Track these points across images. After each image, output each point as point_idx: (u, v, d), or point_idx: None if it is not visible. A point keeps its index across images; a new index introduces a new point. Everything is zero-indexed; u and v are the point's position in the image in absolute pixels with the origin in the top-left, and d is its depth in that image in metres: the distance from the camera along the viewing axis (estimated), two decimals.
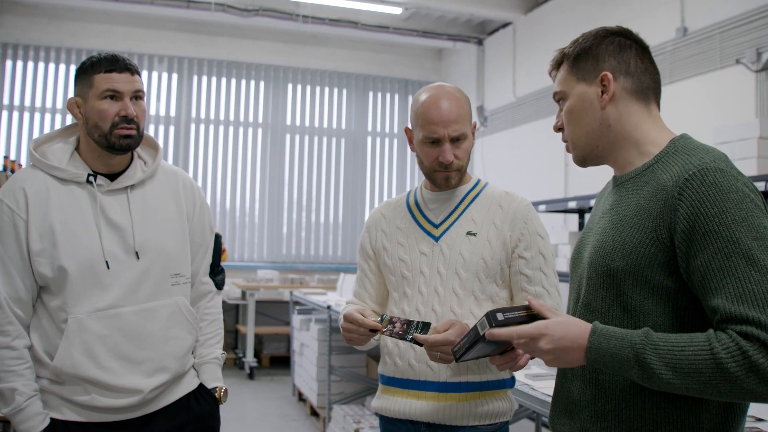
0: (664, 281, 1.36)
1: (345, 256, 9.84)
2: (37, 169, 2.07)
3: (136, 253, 2.06)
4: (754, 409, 2.23)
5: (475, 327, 1.49)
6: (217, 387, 2.31)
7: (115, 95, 2.02)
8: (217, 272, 2.25)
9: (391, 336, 1.93)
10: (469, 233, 2.09)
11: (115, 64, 2.03)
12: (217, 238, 2.27)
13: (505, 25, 8.72)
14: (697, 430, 1.36)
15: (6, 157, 4.47)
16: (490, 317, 1.44)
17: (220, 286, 2.27)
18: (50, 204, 2.01)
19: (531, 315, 1.44)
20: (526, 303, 1.47)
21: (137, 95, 2.07)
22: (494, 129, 8.78)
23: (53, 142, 2.14)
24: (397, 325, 1.93)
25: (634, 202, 1.44)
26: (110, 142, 2.03)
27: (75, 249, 1.99)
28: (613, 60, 1.51)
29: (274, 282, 8.46)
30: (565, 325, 1.37)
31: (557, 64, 1.61)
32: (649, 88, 1.52)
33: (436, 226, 2.13)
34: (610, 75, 1.49)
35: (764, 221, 1.31)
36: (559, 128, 1.61)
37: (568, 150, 1.60)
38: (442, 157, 2.03)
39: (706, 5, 5.54)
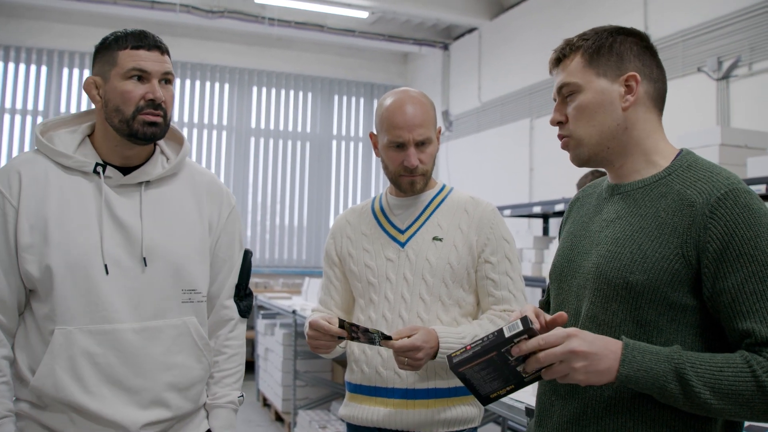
0: (683, 299, 1.32)
1: (310, 260, 9.80)
2: (40, 154, 1.76)
3: (144, 259, 1.74)
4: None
5: (500, 329, 1.32)
6: None
7: (142, 75, 1.73)
8: (243, 296, 2.00)
9: (359, 342, 1.89)
10: (435, 238, 2.09)
11: (143, 40, 1.74)
12: (247, 255, 2.03)
13: (471, 30, 8.76)
14: None
15: None
16: (527, 320, 1.30)
17: (245, 313, 2.00)
18: (48, 193, 1.70)
19: None
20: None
21: (167, 78, 1.78)
22: (459, 134, 8.81)
23: (63, 127, 1.83)
24: (360, 334, 1.86)
25: (651, 213, 1.38)
26: (132, 129, 1.72)
27: (68, 247, 1.67)
28: (638, 62, 1.45)
29: None
30: (593, 336, 1.30)
31: (564, 55, 1.50)
32: (662, 98, 1.49)
33: (402, 232, 2.13)
34: (638, 76, 1.43)
35: None
36: (558, 122, 1.51)
37: (565, 147, 1.51)
38: (407, 162, 2.03)
39: (669, 14, 5.63)
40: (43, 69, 8.68)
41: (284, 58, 9.68)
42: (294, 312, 5.52)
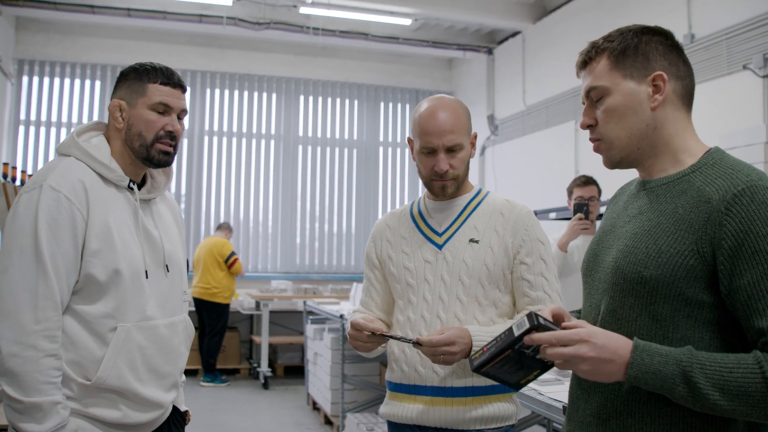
0: (699, 295, 1.32)
1: (358, 265, 9.86)
2: (81, 162, 1.92)
3: (166, 266, 2.02)
4: None
5: (509, 329, 1.37)
6: (187, 411, 2.23)
7: (165, 110, 1.97)
8: None
9: (393, 338, 1.99)
10: (471, 240, 2.13)
11: (171, 78, 1.99)
12: None
13: (515, 34, 8.76)
14: None
15: (6, 164, 4.35)
16: (533, 316, 1.34)
17: None
18: (105, 203, 1.90)
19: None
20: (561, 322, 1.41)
21: (181, 114, 2.03)
22: (505, 137, 8.81)
23: (90, 135, 2.02)
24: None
25: (670, 209, 1.38)
26: (150, 155, 1.97)
27: (127, 253, 1.89)
28: (664, 61, 1.44)
29: (287, 292, 8.49)
30: (606, 335, 1.32)
31: (590, 58, 1.50)
32: (691, 95, 1.48)
33: (440, 235, 2.17)
34: (665, 75, 1.43)
35: None
36: (588, 125, 1.51)
37: (598, 149, 1.51)
38: (437, 167, 2.08)
39: (713, 12, 5.57)
40: (97, 84, 8.97)
41: (330, 67, 9.79)
42: (342, 317, 5.57)
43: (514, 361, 1.39)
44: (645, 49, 1.45)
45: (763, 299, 1.25)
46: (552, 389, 2.60)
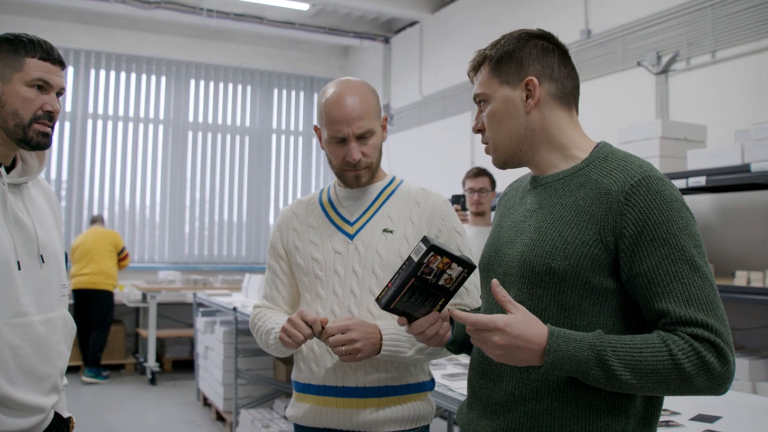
0: (603, 282, 1.39)
1: (249, 255, 9.66)
2: None
3: (41, 257, 1.83)
4: (668, 402, 2.30)
5: (408, 257, 1.45)
6: (70, 417, 2.04)
7: (43, 86, 1.82)
8: None
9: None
10: (385, 230, 2.02)
11: (51, 53, 1.83)
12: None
13: (412, 23, 8.73)
14: (625, 423, 1.41)
15: None
16: (427, 239, 1.42)
17: None
18: None
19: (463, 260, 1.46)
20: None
21: (60, 92, 1.88)
22: (401, 127, 8.77)
23: None
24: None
25: (571, 202, 1.44)
26: (27, 136, 1.80)
27: None
28: (537, 64, 1.51)
29: (176, 283, 8.25)
30: (524, 324, 1.35)
31: (477, 66, 1.57)
32: (571, 94, 1.54)
33: (351, 224, 2.06)
34: (536, 80, 1.49)
35: (697, 228, 1.39)
36: (479, 130, 1.58)
37: (488, 152, 1.59)
38: (348, 156, 1.97)
39: (609, 9, 5.67)
40: None
41: (223, 51, 9.51)
42: (235, 309, 5.39)
43: (419, 291, 1.47)
44: (520, 54, 1.51)
45: (662, 283, 1.33)
46: (461, 384, 2.52)
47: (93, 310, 7.61)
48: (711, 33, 4.73)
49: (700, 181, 3.79)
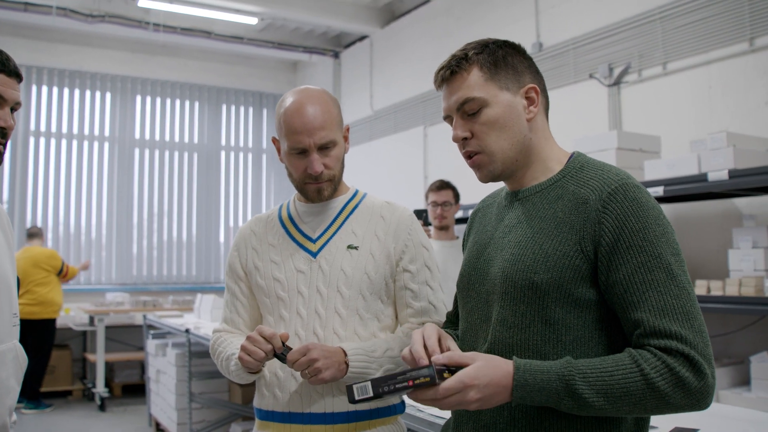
0: (586, 293, 1.36)
1: (200, 275, 9.45)
2: None
3: None
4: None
5: (403, 375, 1.30)
6: None
7: None
8: None
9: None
10: (350, 247, 1.94)
11: (6, 64, 1.68)
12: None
13: (362, 38, 8.68)
14: None
15: None
16: (432, 372, 1.27)
17: None
18: None
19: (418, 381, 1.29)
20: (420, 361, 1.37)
21: (14, 107, 1.73)
22: (352, 142, 8.67)
23: None
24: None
25: (550, 215, 1.42)
26: None
27: None
28: (529, 74, 1.50)
29: (124, 305, 8.03)
30: (487, 368, 1.29)
31: (456, 69, 1.48)
32: (548, 106, 1.54)
33: (313, 241, 1.96)
34: (538, 87, 1.49)
35: (676, 237, 1.36)
36: (463, 138, 1.49)
37: (477, 163, 1.49)
38: (310, 168, 1.87)
39: (560, 22, 5.71)
40: None
41: (170, 66, 9.32)
42: (188, 331, 5.22)
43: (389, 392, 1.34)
44: (512, 61, 1.49)
45: (638, 291, 1.30)
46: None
47: (30, 340, 6.98)
48: (661, 45, 4.77)
49: (658, 191, 3.78)
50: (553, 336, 1.36)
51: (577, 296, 1.35)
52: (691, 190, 3.69)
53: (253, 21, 8.25)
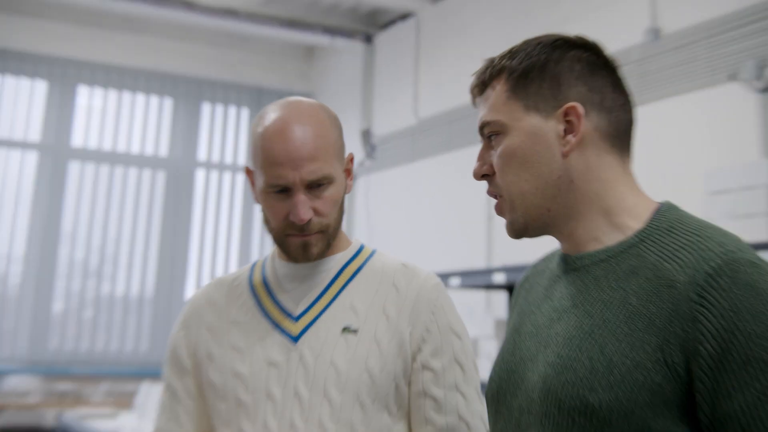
0: (671, 428, 1.30)
1: (152, 352, 9.23)
2: None
3: None
4: None
5: None
6: None
7: None
8: None
9: None
10: (346, 330, 1.98)
11: None
12: None
13: (405, 16, 8.79)
14: None
15: None
16: None
17: None
18: None
19: None
20: None
21: None
22: (385, 164, 8.75)
23: None
24: None
25: (618, 299, 1.40)
26: None
27: None
28: (582, 86, 1.50)
29: (31, 396, 8.02)
30: None
31: (488, 80, 1.56)
32: (625, 132, 1.53)
33: (295, 319, 2.01)
34: (580, 108, 1.47)
35: None
36: (484, 175, 1.57)
37: (499, 211, 1.57)
38: (293, 215, 1.93)
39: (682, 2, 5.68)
40: None
41: (131, 47, 9.45)
42: None
43: None
44: (556, 69, 1.51)
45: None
46: None
47: None
48: None
49: None
50: None
51: (655, 430, 1.30)
52: None
53: None
